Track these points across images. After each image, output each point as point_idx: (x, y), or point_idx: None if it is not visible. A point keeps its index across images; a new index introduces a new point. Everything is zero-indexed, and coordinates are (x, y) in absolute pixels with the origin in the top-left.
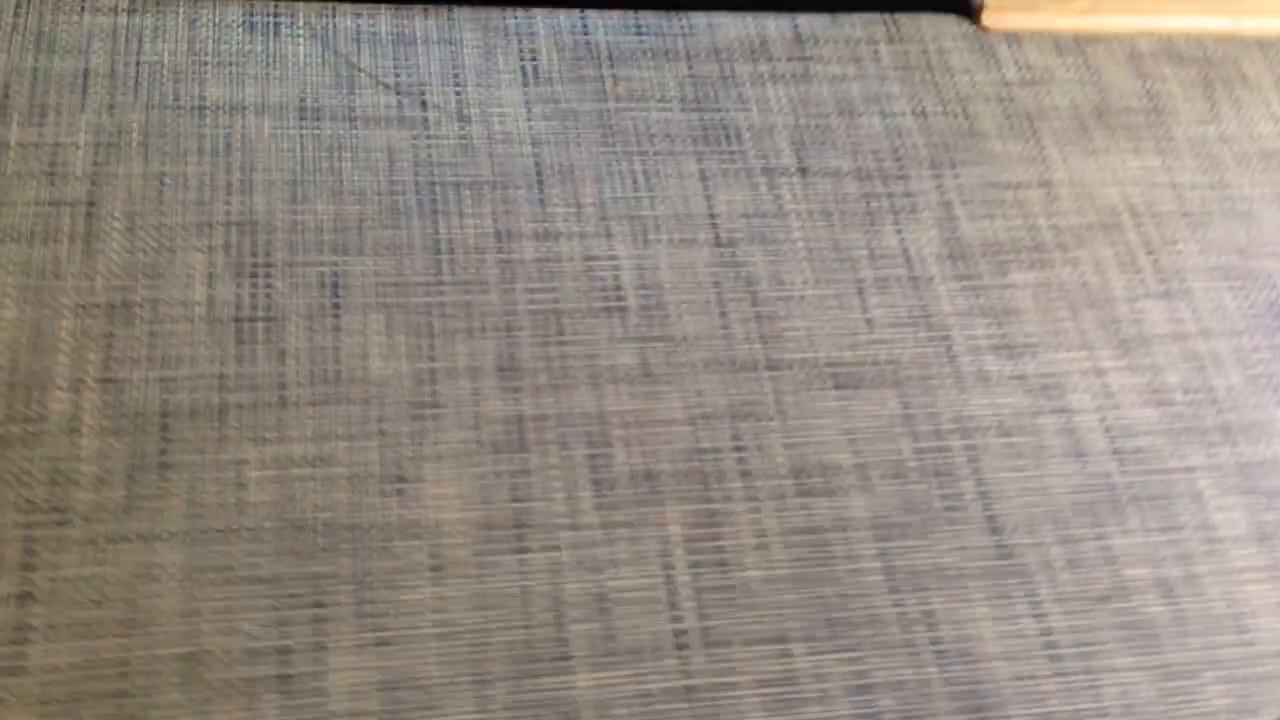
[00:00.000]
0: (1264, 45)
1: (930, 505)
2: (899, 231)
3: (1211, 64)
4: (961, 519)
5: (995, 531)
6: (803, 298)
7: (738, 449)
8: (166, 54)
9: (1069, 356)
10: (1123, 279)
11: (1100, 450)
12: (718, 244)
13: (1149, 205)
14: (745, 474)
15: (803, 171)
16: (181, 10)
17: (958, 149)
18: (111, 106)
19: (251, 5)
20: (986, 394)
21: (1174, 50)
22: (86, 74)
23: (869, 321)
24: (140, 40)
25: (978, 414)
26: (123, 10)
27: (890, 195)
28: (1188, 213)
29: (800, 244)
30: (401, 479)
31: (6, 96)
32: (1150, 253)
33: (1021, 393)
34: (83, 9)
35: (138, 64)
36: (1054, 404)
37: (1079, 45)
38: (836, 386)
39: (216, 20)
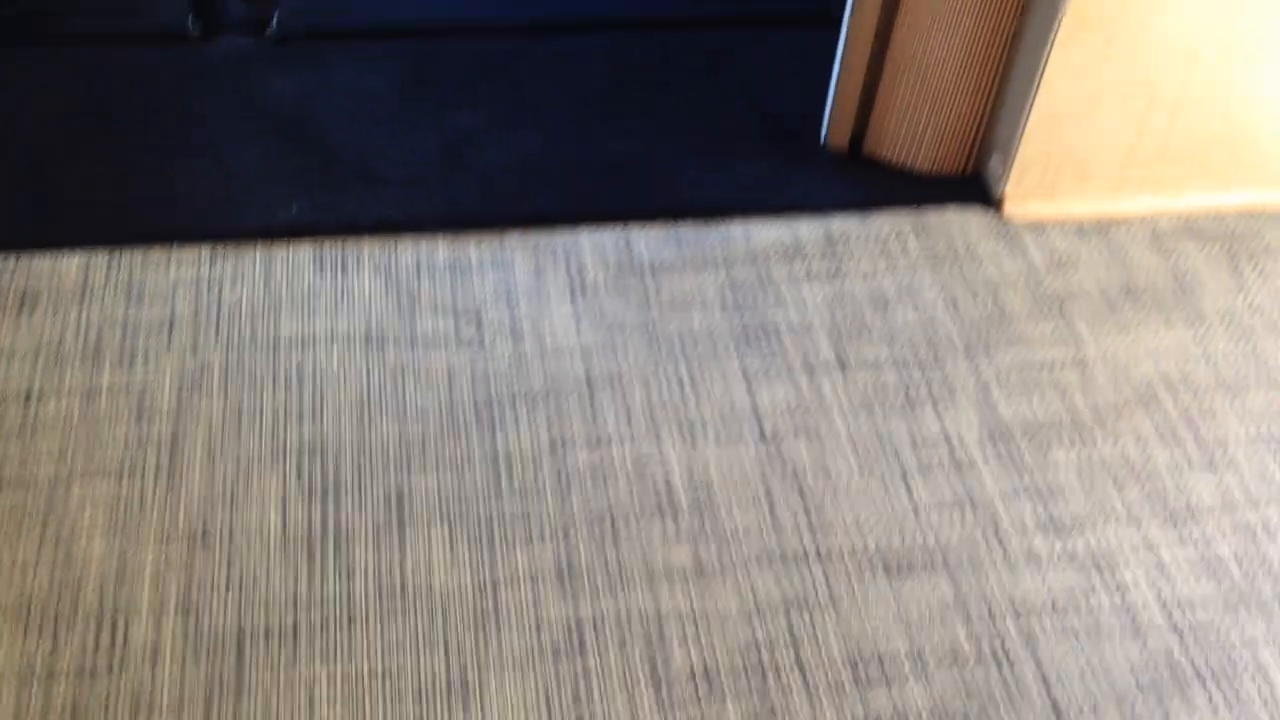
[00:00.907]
0: None
1: (990, 690)
2: (939, 417)
3: (1234, 238)
4: (1023, 704)
5: (1059, 716)
6: (849, 487)
7: (793, 641)
8: (245, 296)
9: (1118, 532)
10: (1165, 452)
11: (1159, 626)
12: (763, 439)
13: (1184, 378)
14: (802, 666)
15: (842, 365)
16: (258, 254)
17: (990, 334)
18: (194, 348)
19: (321, 244)
20: (1038, 574)
21: (1195, 227)
22: (172, 320)
23: (916, 507)
24: (220, 286)
25: (1031, 595)
26: (204, 261)
27: (928, 382)
28: (1224, 383)
29: (844, 435)
30: (466, 687)
31: (100, 343)
32: (1190, 425)
33: (1073, 571)
34: (169, 262)
35: (218, 307)
36: (1107, 581)
37: (1101, 228)
38: (887, 573)
39: (289, 261)
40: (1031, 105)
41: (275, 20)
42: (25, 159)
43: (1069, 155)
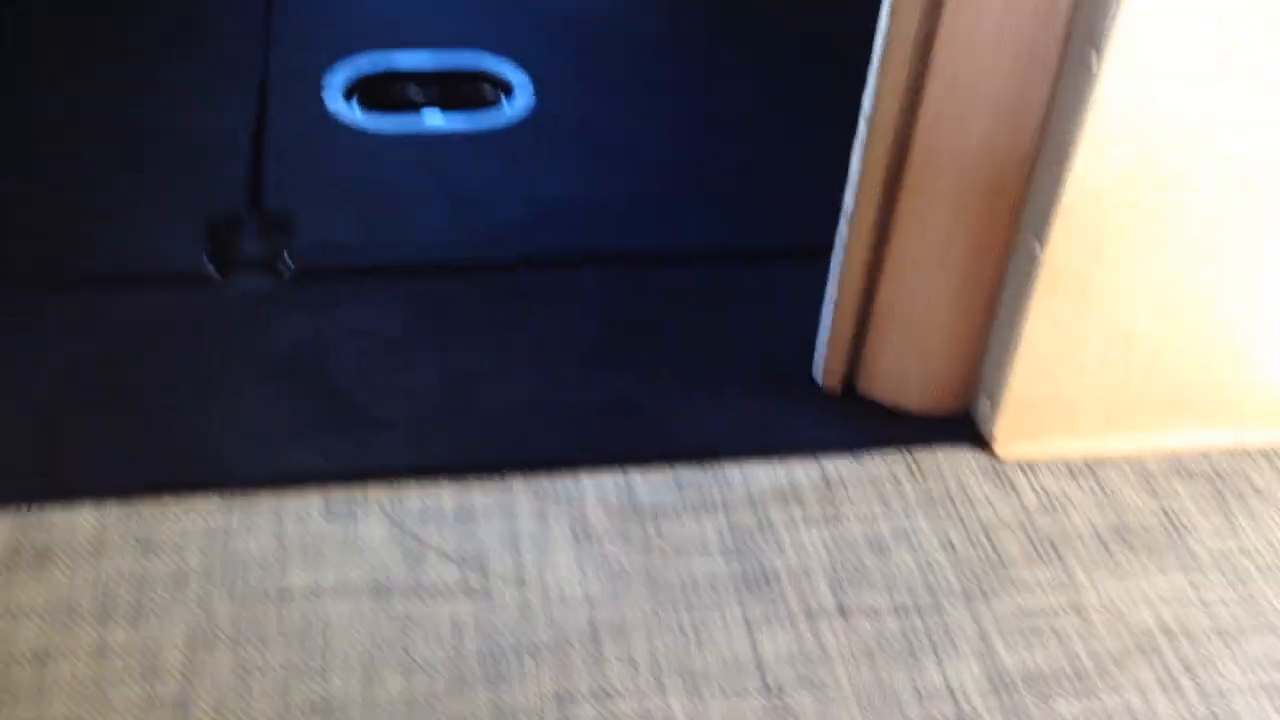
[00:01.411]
0: (1270, 456)
1: None
2: (941, 667)
3: (1221, 478)
4: None
5: None
6: None
7: None
8: (254, 546)
9: None
10: (1167, 702)
11: None
12: (767, 692)
13: (1182, 625)
14: None
15: (843, 612)
16: (267, 503)
17: (987, 579)
18: (204, 602)
19: (329, 492)
20: None
21: (1183, 466)
22: (183, 573)
23: None
24: (230, 536)
25: None
26: (215, 511)
27: (929, 630)
28: (1221, 630)
29: (847, 686)
30: None
31: (111, 599)
32: (1190, 673)
33: None
34: (180, 512)
35: (228, 559)
36: None
37: (1091, 468)
38: None
39: (298, 509)
40: (1015, 351)
41: (287, 259)
42: (37, 408)
43: (1055, 398)
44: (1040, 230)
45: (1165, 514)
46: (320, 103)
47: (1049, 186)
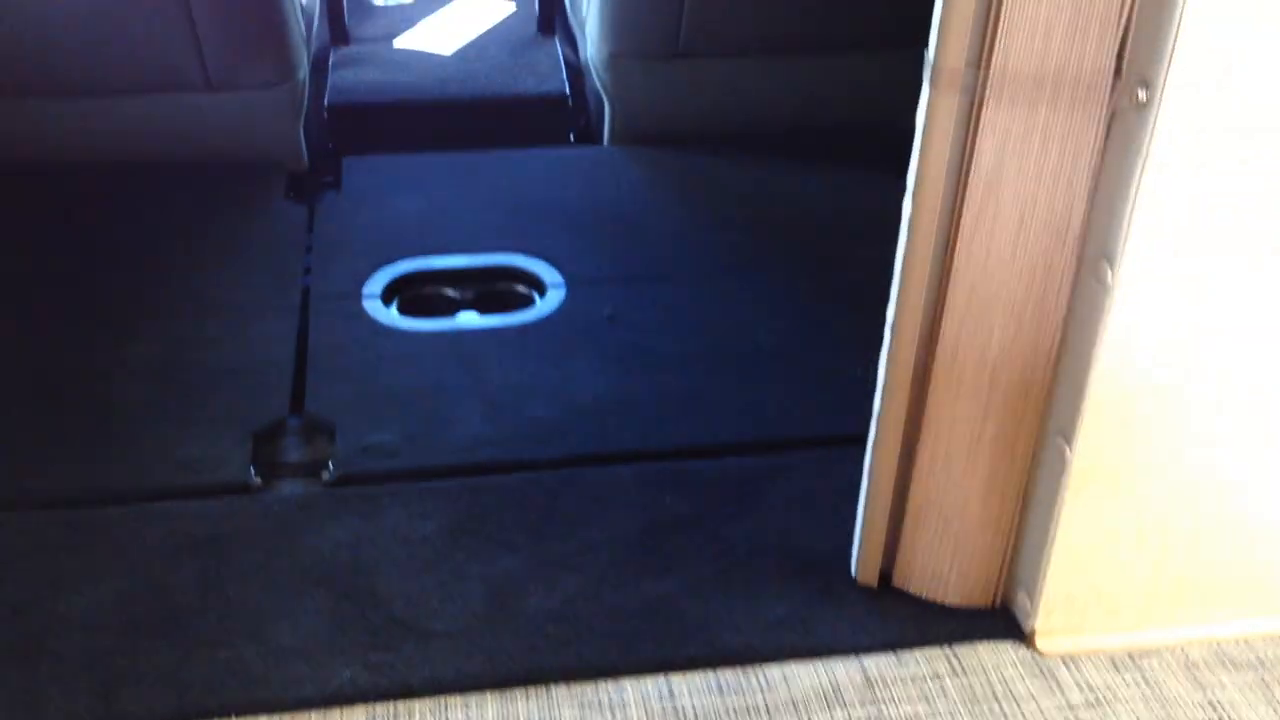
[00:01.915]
0: None
1: None
2: None
3: (1265, 665)
4: None
5: None
6: None
7: None
8: None
9: None
10: None
11: None
12: None
13: None
14: None
15: None
16: None
17: None
18: None
19: (373, 710)
20: None
21: (1226, 655)
22: None
23: None
24: None
25: None
26: None
27: None
28: None
29: None
30: None
31: None
32: None
33: None
34: None
35: None
36: None
37: (1134, 659)
38: None
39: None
40: (1050, 546)
41: (329, 465)
42: (82, 645)
43: (1093, 590)
44: (1067, 430)
45: (1212, 706)
46: (360, 308)
47: (1073, 389)
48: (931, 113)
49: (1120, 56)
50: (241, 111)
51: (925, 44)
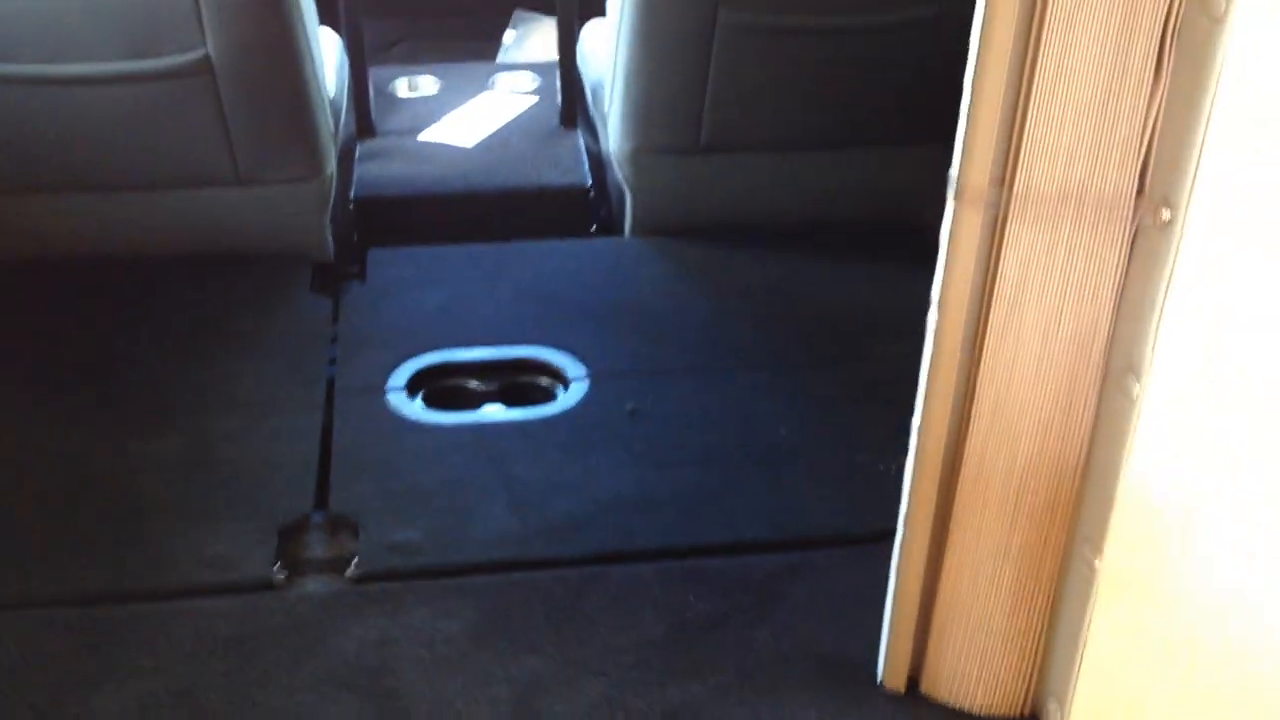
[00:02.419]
0: None
1: None
2: None
3: None
4: None
5: None
6: None
7: None
8: None
9: None
10: None
11: None
12: None
13: None
14: None
15: None
16: None
17: None
18: None
19: None
20: None
21: None
22: None
23: None
24: None
25: None
26: None
27: None
28: None
29: None
30: None
31: None
32: None
33: None
34: None
35: None
36: None
37: None
38: None
39: None
40: (1078, 655)
41: (353, 562)
42: None
43: (1122, 700)
44: (1095, 541)
45: None
46: (384, 402)
47: (1100, 501)
48: (956, 228)
49: (1142, 177)
50: (270, 205)
51: (941, 140)
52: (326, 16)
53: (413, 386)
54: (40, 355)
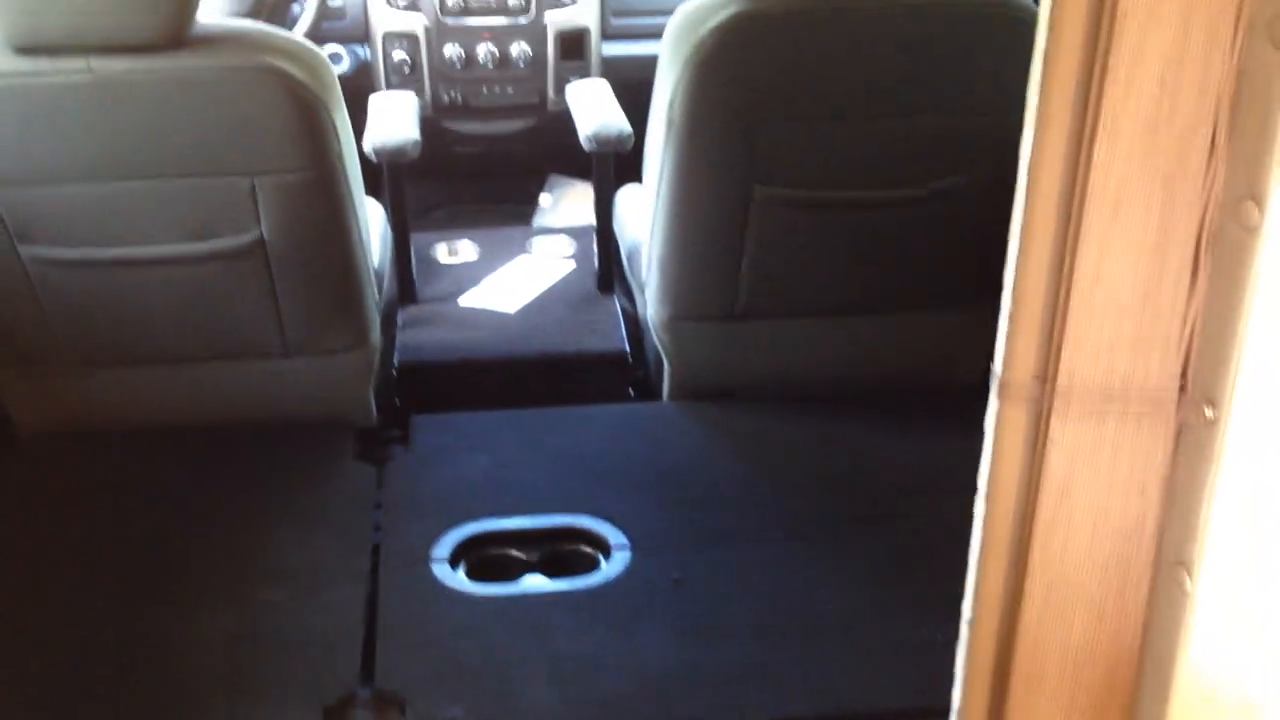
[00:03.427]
0: None
1: None
2: None
3: None
4: None
5: None
6: None
7: None
8: None
9: None
10: None
11: None
12: None
13: None
14: None
15: None
16: None
17: None
18: None
19: None
20: None
21: None
22: None
23: None
24: None
25: None
26: None
27: None
28: None
29: None
30: None
31: None
32: None
33: None
34: None
35: None
36: None
37: None
38: None
39: None
40: None
41: None
42: None
43: None
44: None
45: None
46: (428, 572)
47: (1158, 688)
48: (1000, 424)
49: (1184, 374)
50: (316, 375)
51: (970, 304)
52: (370, 184)
53: (455, 556)
54: (89, 526)
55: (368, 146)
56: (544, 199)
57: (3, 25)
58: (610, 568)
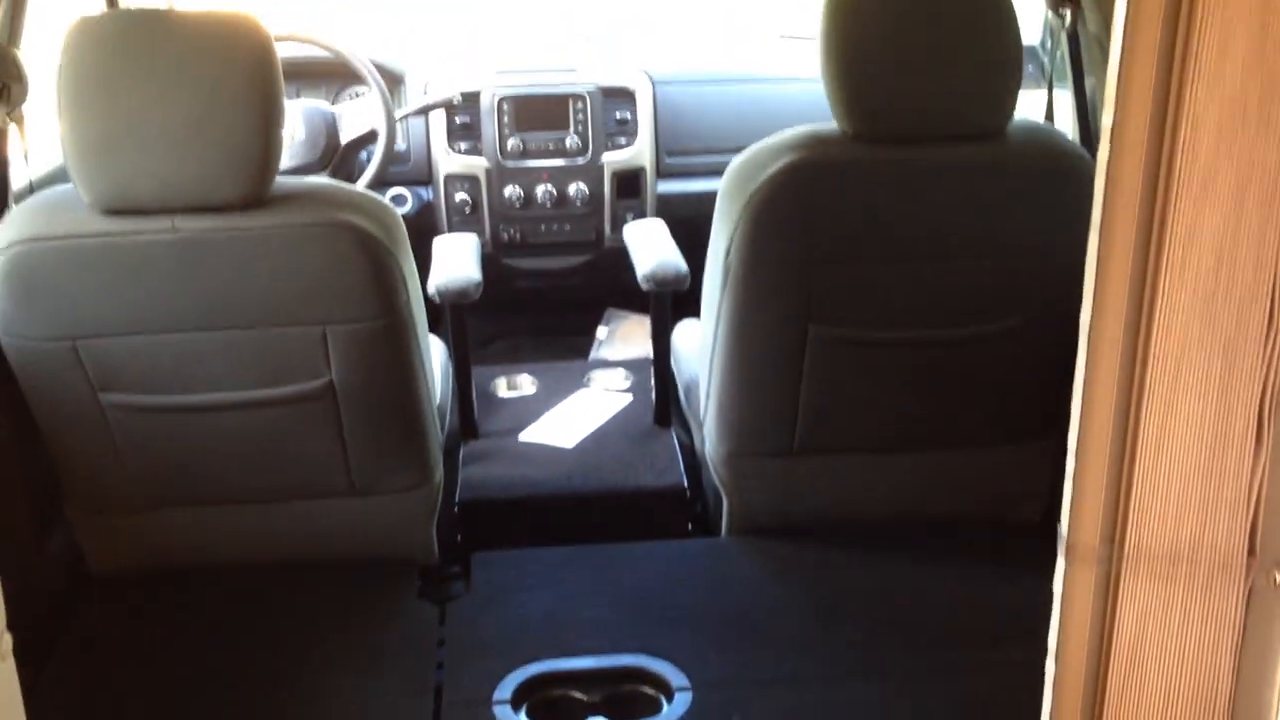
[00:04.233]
0: None
1: None
2: None
3: None
4: None
5: None
6: None
7: None
8: None
9: None
10: None
11: None
12: None
13: None
14: None
15: None
16: None
17: None
18: None
19: None
20: None
21: None
22: None
23: None
24: None
25: None
26: None
27: None
28: None
29: None
30: None
31: None
32: None
33: None
34: None
35: None
36: None
37: None
38: None
39: None
40: None
41: None
42: None
43: None
44: None
45: None
46: (490, 714)
47: None
48: (1068, 585)
49: (1253, 538)
50: (381, 513)
51: (1029, 440)
52: (432, 320)
53: (518, 698)
54: (156, 667)
55: (432, 288)
56: (601, 331)
57: (95, 190)
58: (672, 710)
